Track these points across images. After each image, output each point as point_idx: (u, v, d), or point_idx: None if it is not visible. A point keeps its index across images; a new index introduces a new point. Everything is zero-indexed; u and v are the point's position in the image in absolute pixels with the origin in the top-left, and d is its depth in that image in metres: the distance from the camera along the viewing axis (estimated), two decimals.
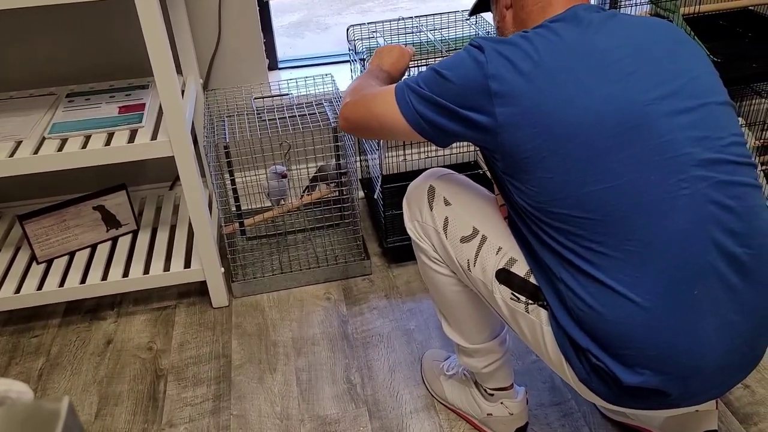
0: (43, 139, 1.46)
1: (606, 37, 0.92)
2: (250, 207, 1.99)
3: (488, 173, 1.96)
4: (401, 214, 1.22)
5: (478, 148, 1.09)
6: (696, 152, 0.87)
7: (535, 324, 1.00)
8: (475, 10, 1.22)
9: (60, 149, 1.42)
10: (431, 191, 1.15)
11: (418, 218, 1.16)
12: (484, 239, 1.07)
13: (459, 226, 1.10)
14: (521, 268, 1.02)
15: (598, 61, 0.89)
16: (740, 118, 1.87)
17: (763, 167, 1.98)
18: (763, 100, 2.04)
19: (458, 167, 2.11)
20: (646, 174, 0.85)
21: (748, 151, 0.93)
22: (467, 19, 1.77)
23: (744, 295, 0.89)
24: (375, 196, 1.82)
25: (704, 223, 0.86)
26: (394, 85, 1.03)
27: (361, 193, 2.10)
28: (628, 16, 0.98)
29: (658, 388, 0.89)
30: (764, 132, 2.11)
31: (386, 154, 2.02)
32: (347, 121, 1.09)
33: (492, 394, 1.29)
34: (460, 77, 0.92)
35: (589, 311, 0.89)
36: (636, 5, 1.75)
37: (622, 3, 1.75)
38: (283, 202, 1.81)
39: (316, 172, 1.82)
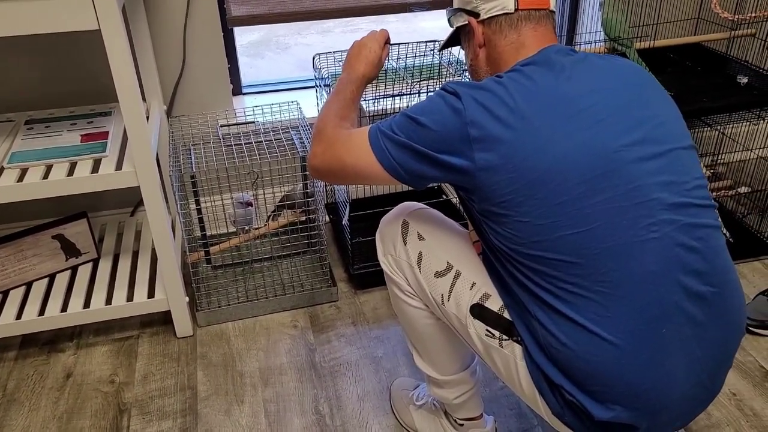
0: (2, 168, 1.42)
1: (577, 82, 0.95)
2: (215, 232, 1.97)
3: (461, 209, 1.99)
4: (368, 241, 1.22)
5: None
6: (664, 197, 0.91)
7: (509, 359, 1.02)
8: (446, 45, 1.24)
9: (20, 179, 1.38)
10: (405, 226, 1.16)
11: (392, 252, 1.17)
12: (458, 274, 1.09)
13: (433, 261, 1.12)
14: (495, 303, 1.04)
15: (569, 107, 0.92)
16: None
17: (713, 193, 2.07)
18: (708, 128, 2.14)
19: (422, 193, 2.13)
20: (617, 219, 0.89)
21: (709, 193, 0.98)
22: (433, 50, 1.80)
23: (707, 330, 0.94)
24: (343, 224, 1.83)
25: (671, 265, 0.90)
26: (367, 130, 1.01)
27: (327, 218, 2.10)
28: (598, 58, 1.01)
29: (629, 422, 0.92)
30: (712, 160, 2.21)
31: None
32: (318, 171, 1.06)
33: (462, 425, 1.31)
34: (438, 124, 0.94)
35: (563, 349, 0.92)
36: (593, 42, 1.81)
37: (579, 40, 1.80)
38: (248, 229, 1.80)
39: (281, 200, 1.81)
